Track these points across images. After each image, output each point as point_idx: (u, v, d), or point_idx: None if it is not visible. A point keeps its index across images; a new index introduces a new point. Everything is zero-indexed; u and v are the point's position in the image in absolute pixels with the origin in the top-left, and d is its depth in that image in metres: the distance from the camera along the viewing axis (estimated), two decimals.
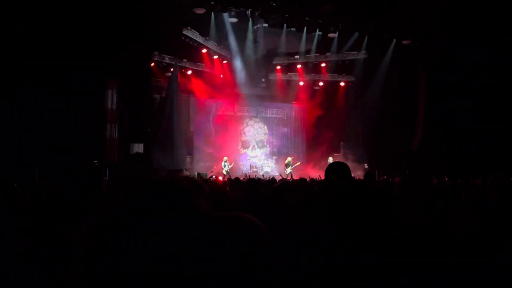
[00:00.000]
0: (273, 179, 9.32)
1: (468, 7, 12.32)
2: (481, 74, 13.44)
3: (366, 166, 16.77)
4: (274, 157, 18.99)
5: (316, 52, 18.06)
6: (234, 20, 15.87)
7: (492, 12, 12.11)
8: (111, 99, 13.70)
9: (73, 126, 11.42)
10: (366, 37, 17.05)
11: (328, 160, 15.50)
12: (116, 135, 13.76)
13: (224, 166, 16.30)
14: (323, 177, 3.04)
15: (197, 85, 17.54)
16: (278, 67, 18.64)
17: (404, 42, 16.76)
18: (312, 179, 9.28)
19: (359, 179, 8.23)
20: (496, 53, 13.11)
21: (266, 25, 16.34)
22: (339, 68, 18.88)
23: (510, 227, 2.20)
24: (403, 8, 14.18)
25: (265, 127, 19.44)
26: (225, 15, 15.52)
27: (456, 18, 13.03)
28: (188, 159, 16.37)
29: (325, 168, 2.83)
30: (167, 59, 16.28)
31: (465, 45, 13.46)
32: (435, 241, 1.79)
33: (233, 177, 11.24)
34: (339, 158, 16.84)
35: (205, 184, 4.11)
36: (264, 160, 18.90)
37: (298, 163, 17.39)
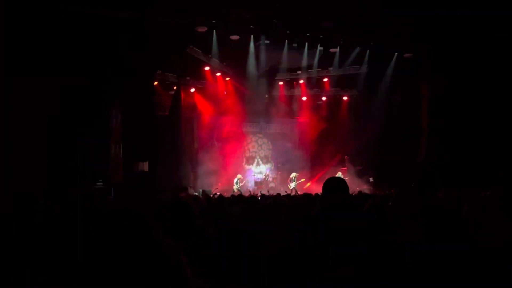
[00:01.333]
0: (278, 195, 9.28)
1: (468, 18, 12.38)
2: (484, 86, 13.43)
3: (371, 179, 16.71)
4: (279, 172, 18.96)
5: (318, 67, 18.15)
6: (236, 37, 16.02)
7: (494, 21, 12.16)
8: (115, 118, 13.77)
9: (77, 145, 11.45)
10: (368, 51, 17.16)
11: (337, 175, 15.45)
12: (121, 154, 13.79)
13: (236, 183, 16.37)
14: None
15: (200, 102, 17.65)
16: (281, 83, 18.73)
17: (406, 55, 16.82)
18: (317, 194, 9.24)
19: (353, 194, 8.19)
20: (500, 64, 13.12)
21: (267, 41, 16.47)
22: (342, 82, 18.94)
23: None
24: (403, 22, 14.28)
25: (269, 142, 19.46)
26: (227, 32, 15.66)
27: (456, 29, 13.10)
28: (192, 175, 16.39)
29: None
30: (170, 77, 16.41)
31: (467, 57, 13.49)
32: (427, 255, 1.78)
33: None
34: (344, 172, 16.80)
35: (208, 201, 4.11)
36: (268, 176, 18.87)
37: (302, 180, 17.34)
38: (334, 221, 1.60)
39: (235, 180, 16.56)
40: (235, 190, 15.83)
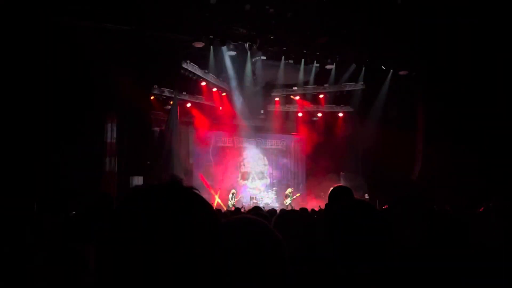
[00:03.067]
0: (273, 210, 9.25)
1: (464, 35, 12.54)
2: (480, 103, 13.51)
3: (366, 196, 16.68)
4: (274, 188, 18.92)
5: (314, 84, 18.27)
6: (233, 53, 16.12)
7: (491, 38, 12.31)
8: (111, 132, 13.75)
9: (72, 159, 11.40)
10: (363, 68, 17.31)
11: (329, 192, 15.40)
12: (116, 168, 13.75)
13: (231, 198, 16.32)
14: (323, 207, 3.10)
15: (196, 117, 17.66)
16: (277, 99, 18.81)
17: (401, 72, 16.96)
18: (313, 210, 9.22)
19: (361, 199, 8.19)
20: (496, 82, 13.22)
21: (264, 57, 16.58)
22: (337, 99, 19.05)
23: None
24: (398, 40, 14.45)
25: (265, 158, 19.45)
26: (224, 48, 15.75)
27: (452, 46, 13.25)
28: None
29: (324, 198, 2.88)
30: (166, 92, 16.42)
31: (463, 75, 13.62)
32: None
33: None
34: None
35: None
36: (264, 191, 18.82)
37: (297, 195, 17.32)
38: (353, 222, 1.61)
39: (230, 195, 16.51)
40: (230, 206, 15.75)
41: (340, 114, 19.54)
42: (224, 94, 17.75)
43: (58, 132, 11.15)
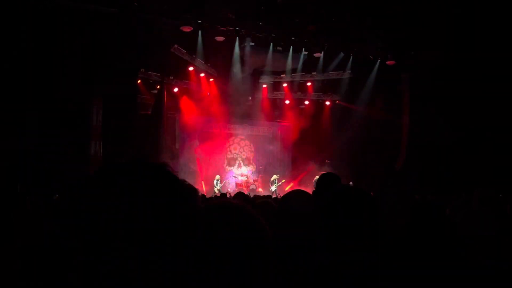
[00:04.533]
0: (258, 196, 9.30)
1: (453, 27, 12.63)
2: (467, 94, 13.64)
3: (351, 184, 16.85)
4: (260, 175, 18.99)
5: (302, 71, 18.26)
6: (221, 38, 16.01)
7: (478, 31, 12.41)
8: (96, 116, 13.60)
9: (57, 142, 11.28)
10: (351, 57, 17.34)
11: (314, 179, 15.57)
12: (101, 152, 13.63)
13: (216, 184, 16.33)
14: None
15: (183, 102, 17.56)
16: (264, 86, 18.77)
17: (388, 62, 17.04)
18: None
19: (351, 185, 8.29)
20: (483, 72, 13.35)
21: (252, 43, 16.49)
22: (325, 87, 19.08)
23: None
24: (386, 29, 14.50)
25: (251, 145, 19.48)
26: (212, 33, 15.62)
27: (441, 38, 13.34)
28: None
29: (310, 185, 2.91)
30: (153, 76, 16.28)
31: (450, 66, 13.74)
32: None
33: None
34: None
35: None
36: (250, 177, 18.88)
37: (283, 181, 17.43)
38: (347, 208, 1.64)
39: (215, 181, 16.52)
40: (216, 191, 15.78)
41: (327, 102, 19.60)
42: (211, 79, 17.66)
43: (42, 115, 11.00)
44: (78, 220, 0.82)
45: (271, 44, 16.47)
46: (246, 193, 15.24)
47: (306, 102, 19.56)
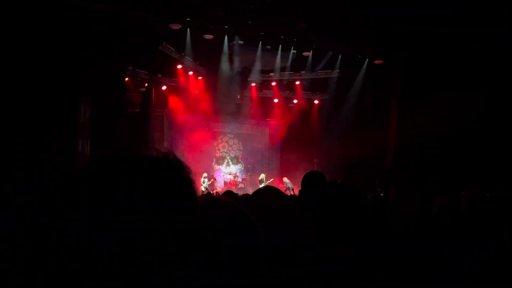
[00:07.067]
0: (247, 195, 9.29)
1: (439, 25, 12.72)
2: (454, 93, 13.74)
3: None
4: (249, 173, 18.99)
5: (291, 70, 18.28)
6: (210, 36, 15.95)
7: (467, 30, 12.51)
8: (84, 114, 13.46)
9: (44, 140, 11.14)
10: (340, 56, 17.41)
11: (283, 179, 16.23)
12: (88, 150, 13.50)
13: (203, 182, 16.25)
14: (296, 192, 3.13)
15: (171, 100, 17.48)
16: (253, 84, 18.76)
17: (376, 62, 17.13)
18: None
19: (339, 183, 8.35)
20: (471, 71, 13.47)
21: (241, 42, 16.47)
22: (313, 86, 19.13)
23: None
24: (374, 29, 14.57)
25: (240, 143, 19.46)
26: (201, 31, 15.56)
27: (428, 37, 13.44)
28: None
29: (298, 184, 2.92)
30: (141, 74, 16.17)
31: (438, 65, 13.85)
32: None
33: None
34: None
35: None
36: (238, 176, 18.86)
37: (271, 180, 17.43)
38: (335, 208, 1.63)
39: (202, 179, 16.41)
40: (203, 190, 15.69)
41: (316, 101, 19.65)
42: (200, 77, 17.60)
43: (28, 113, 10.86)
44: (77, 220, 0.79)
45: (260, 42, 16.47)
46: (235, 192, 15.24)
47: (295, 101, 19.60)
